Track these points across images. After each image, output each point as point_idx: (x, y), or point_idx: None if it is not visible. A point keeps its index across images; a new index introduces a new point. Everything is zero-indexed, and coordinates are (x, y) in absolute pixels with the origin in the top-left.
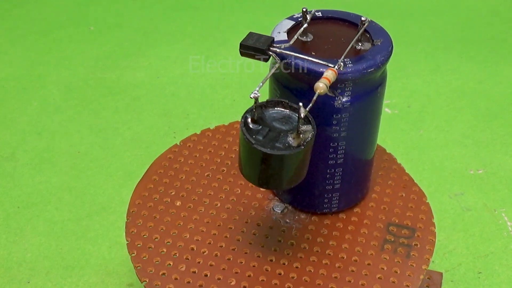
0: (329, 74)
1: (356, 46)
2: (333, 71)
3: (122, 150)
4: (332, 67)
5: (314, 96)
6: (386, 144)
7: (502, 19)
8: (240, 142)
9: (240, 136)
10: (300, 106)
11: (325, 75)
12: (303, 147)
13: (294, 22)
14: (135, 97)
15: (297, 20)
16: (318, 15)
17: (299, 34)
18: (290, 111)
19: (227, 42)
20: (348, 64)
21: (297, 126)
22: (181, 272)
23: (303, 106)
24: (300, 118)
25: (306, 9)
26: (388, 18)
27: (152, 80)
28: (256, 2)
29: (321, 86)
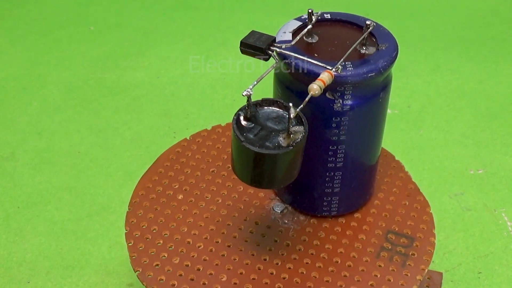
0: (324, 77)
1: (361, 50)
2: (329, 74)
3: (122, 150)
4: (330, 69)
5: (307, 97)
6: (386, 144)
7: (502, 19)
8: (231, 139)
9: (232, 133)
10: (290, 106)
11: (320, 77)
12: (291, 147)
13: (301, 23)
14: (135, 97)
15: (304, 21)
16: (326, 17)
17: (302, 35)
18: (285, 111)
19: (227, 42)
20: (348, 67)
21: (290, 126)
22: (174, 265)
23: (294, 106)
24: (290, 119)
25: (312, 10)
26: (388, 18)
27: (152, 80)
28: (256, 2)
29: (314, 87)
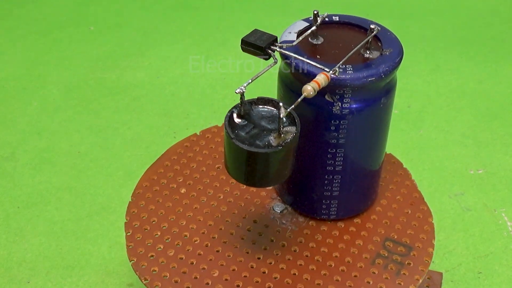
0: (320, 78)
1: (365, 54)
2: (325, 76)
3: (122, 150)
4: (327, 71)
5: (299, 98)
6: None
7: (502, 19)
8: (224, 136)
9: (224, 130)
10: (280, 106)
11: (316, 79)
12: (280, 147)
13: (308, 24)
14: (135, 97)
15: (311, 22)
16: (334, 19)
17: (306, 36)
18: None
19: (227, 42)
20: (348, 71)
21: (281, 126)
22: (168, 257)
23: (284, 106)
24: (280, 118)
25: (318, 12)
26: (388, 18)
27: (152, 80)
28: (256, 2)
29: (308, 89)
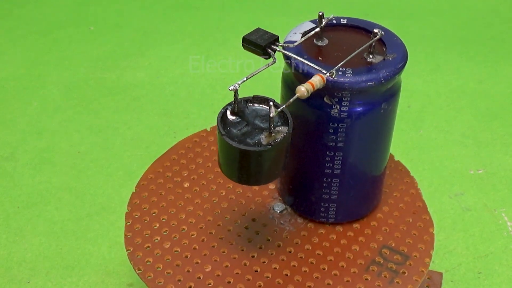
0: (315, 80)
1: (368, 57)
2: (321, 78)
3: (122, 150)
4: (324, 73)
5: (291, 99)
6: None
7: (502, 19)
8: (217, 132)
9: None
10: (271, 105)
11: (311, 80)
12: (269, 146)
13: (315, 25)
14: (135, 97)
15: (326, 23)
16: (342, 22)
17: (310, 37)
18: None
19: (227, 42)
20: (348, 74)
21: (271, 125)
22: (164, 249)
23: (275, 106)
24: (271, 118)
25: (323, 13)
26: (388, 18)
27: (152, 80)
28: (256, 2)
29: (302, 90)
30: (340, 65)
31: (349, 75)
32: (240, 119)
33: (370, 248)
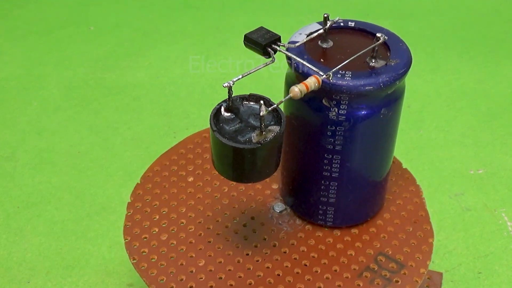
0: (310, 81)
1: (370, 62)
2: (316, 79)
3: (122, 150)
4: (321, 75)
5: (283, 98)
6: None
7: (502, 19)
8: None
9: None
10: (261, 104)
11: (306, 81)
12: (259, 145)
13: (321, 27)
14: (135, 97)
15: (331, 25)
16: (350, 25)
17: (314, 39)
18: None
19: (227, 42)
20: (346, 77)
21: (262, 123)
22: (160, 240)
23: (265, 105)
24: (262, 117)
25: (328, 15)
26: (388, 18)
27: (152, 80)
28: (256, 2)
29: (295, 90)
30: (337, 67)
31: (348, 78)
32: (234, 116)
33: (366, 254)
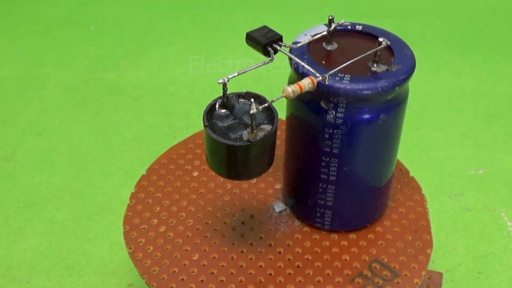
0: (304, 82)
1: (372, 66)
2: (311, 81)
3: (122, 150)
4: (317, 76)
5: (275, 98)
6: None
7: (502, 19)
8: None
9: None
10: (252, 102)
11: (300, 82)
12: (248, 143)
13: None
14: (135, 97)
15: (336, 27)
16: (358, 28)
17: (318, 41)
18: (264, 107)
19: (227, 42)
20: (345, 80)
21: (253, 121)
22: (158, 232)
23: (257, 103)
24: (253, 115)
25: (333, 17)
26: (388, 18)
27: (152, 80)
28: (256, 2)
29: (288, 90)
30: (334, 70)
31: (346, 81)
32: (229, 113)
33: (361, 260)
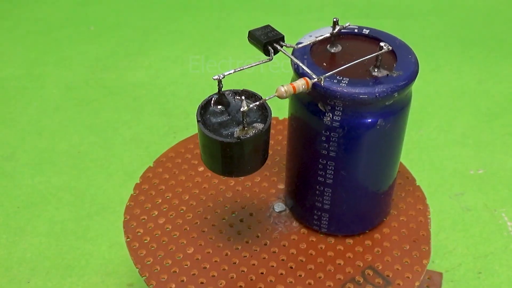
0: (298, 83)
1: (373, 71)
2: (305, 82)
3: (122, 150)
4: (314, 78)
5: (267, 97)
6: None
7: (502, 19)
8: None
9: None
10: (243, 99)
11: (294, 82)
12: (238, 140)
13: (335, 31)
14: (135, 97)
15: (339, 30)
16: (365, 32)
17: (323, 42)
18: (258, 106)
19: (227, 42)
20: (342, 83)
21: (244, 119)
22: (157, 223)
23: (248, 102)
24: (244, 112)
25: (337, 19)
26: (388, 18)
27: (152, 80)
28: (256, 2)
29: (281, 90)
30: (331, 72)
31: (343, 84)
32: (224, 110)
33: (355, 266)
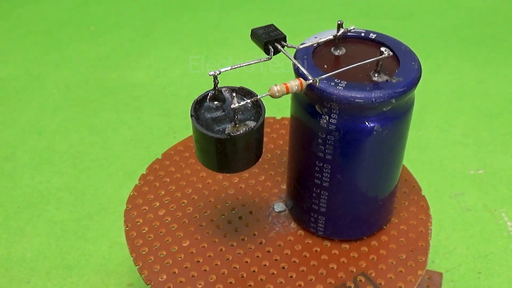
0: (291, 83)
1: (373, 76)
2: (299, 82)
3: (122, 150)
4: (309, 79)
5: (259, 95)
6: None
7: (502, 19)
8: None
9: None
10: (233, 96)
11: (287, 82)
12: (228, 137)
13: (341, 33)
14: (135, 97)
15: (345, 33)
16: (371, 36)
17: (327, 45)
18: (254, 104)
19: (227, 42)
20: (339, 86)
21: (236, 116)
22: (157, 215)
23: (239, 99)
24: (235, 110)
25: (342, 22)
26: (388, 18)
27: (152, 80)
28: (256, 2)
29: (274, 90)
30: (328, 75)
31: (340, 87)
32: (219, 106)
33: (347, 271)
